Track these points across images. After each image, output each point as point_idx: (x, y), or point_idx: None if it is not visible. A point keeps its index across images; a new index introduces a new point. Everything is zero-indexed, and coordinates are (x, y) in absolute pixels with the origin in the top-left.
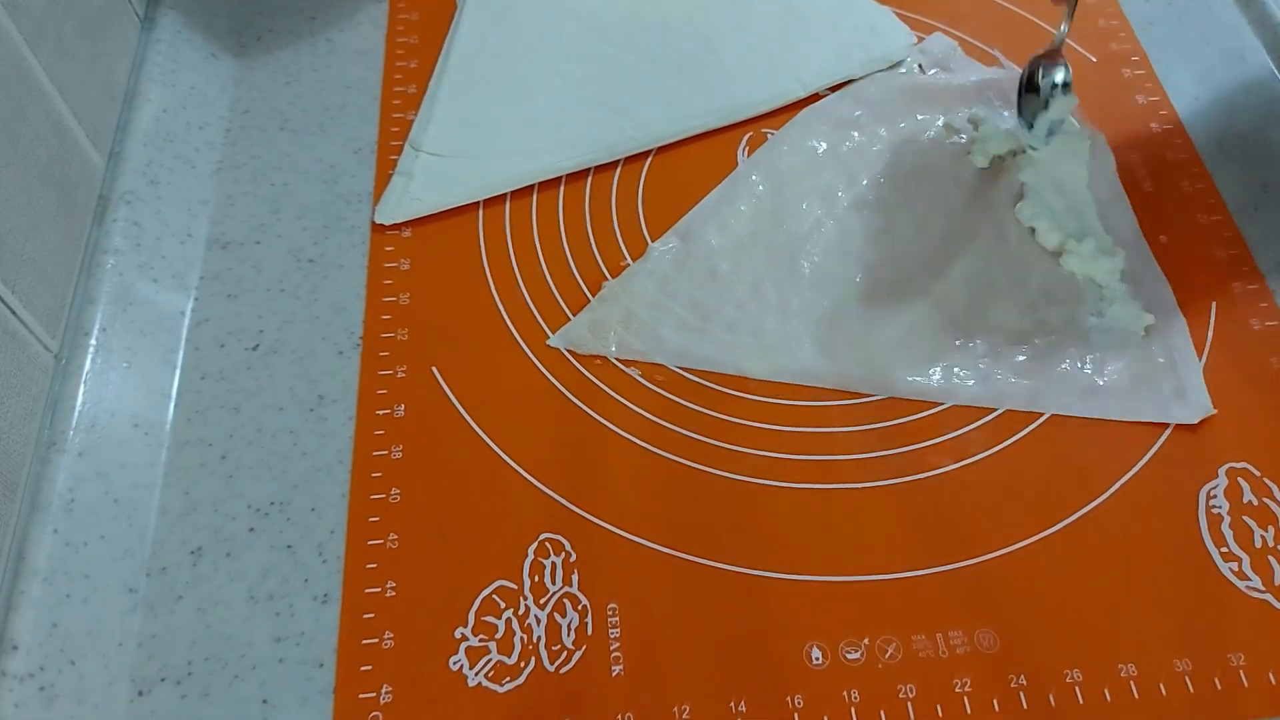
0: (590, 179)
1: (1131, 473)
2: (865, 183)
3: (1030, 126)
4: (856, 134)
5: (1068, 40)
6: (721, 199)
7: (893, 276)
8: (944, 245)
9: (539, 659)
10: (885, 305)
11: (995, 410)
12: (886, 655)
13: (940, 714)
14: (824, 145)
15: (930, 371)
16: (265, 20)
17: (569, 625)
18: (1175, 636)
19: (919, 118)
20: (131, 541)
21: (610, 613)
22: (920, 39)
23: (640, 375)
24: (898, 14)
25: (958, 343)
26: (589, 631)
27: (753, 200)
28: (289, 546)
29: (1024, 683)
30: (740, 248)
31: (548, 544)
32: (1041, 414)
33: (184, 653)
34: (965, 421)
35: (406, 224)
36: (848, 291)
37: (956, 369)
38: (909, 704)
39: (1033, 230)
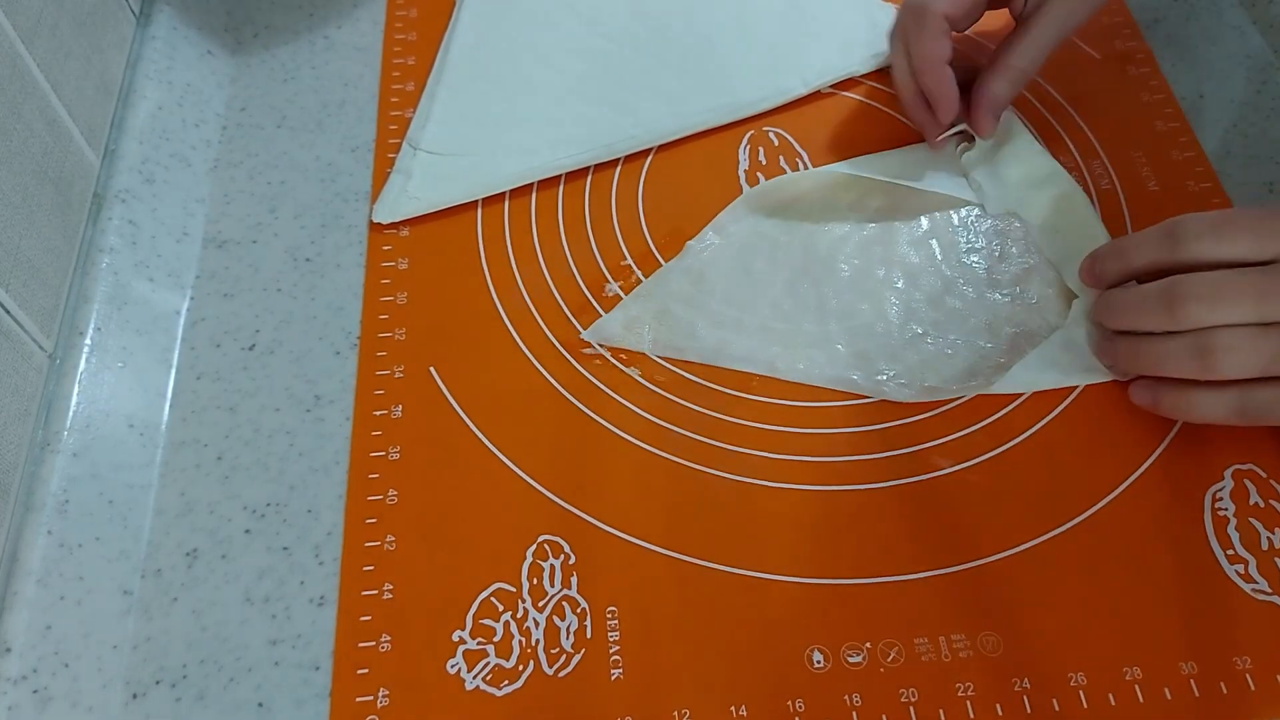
0: (590, 177)
1: (1136, 474)
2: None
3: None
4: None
5: (1073, 39)
6: (761, 193)
7: (935, 284)
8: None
9: (537, 662)
10: (927, 314)
11: (997, 412)
12: (889, 659)
13: (943, 718)
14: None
15: (969, 384)
16: (262, 17)
17: (568, 628)
18: (1180, 639)
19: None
20: (126, 543)
21: (609, 615)
22: None
23: (640, 375)
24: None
25: (1001, 360)
26: (588, 634)
27: (792, 198)
28: (285, 548)
29: (1027, 686)
30: (777, 247)
31: (546, 546)
32: (1045, 415)
33: (179, 655)
34: (967, 422)
35: (404, 223)
36: (888, 297)
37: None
38: (911, 708)
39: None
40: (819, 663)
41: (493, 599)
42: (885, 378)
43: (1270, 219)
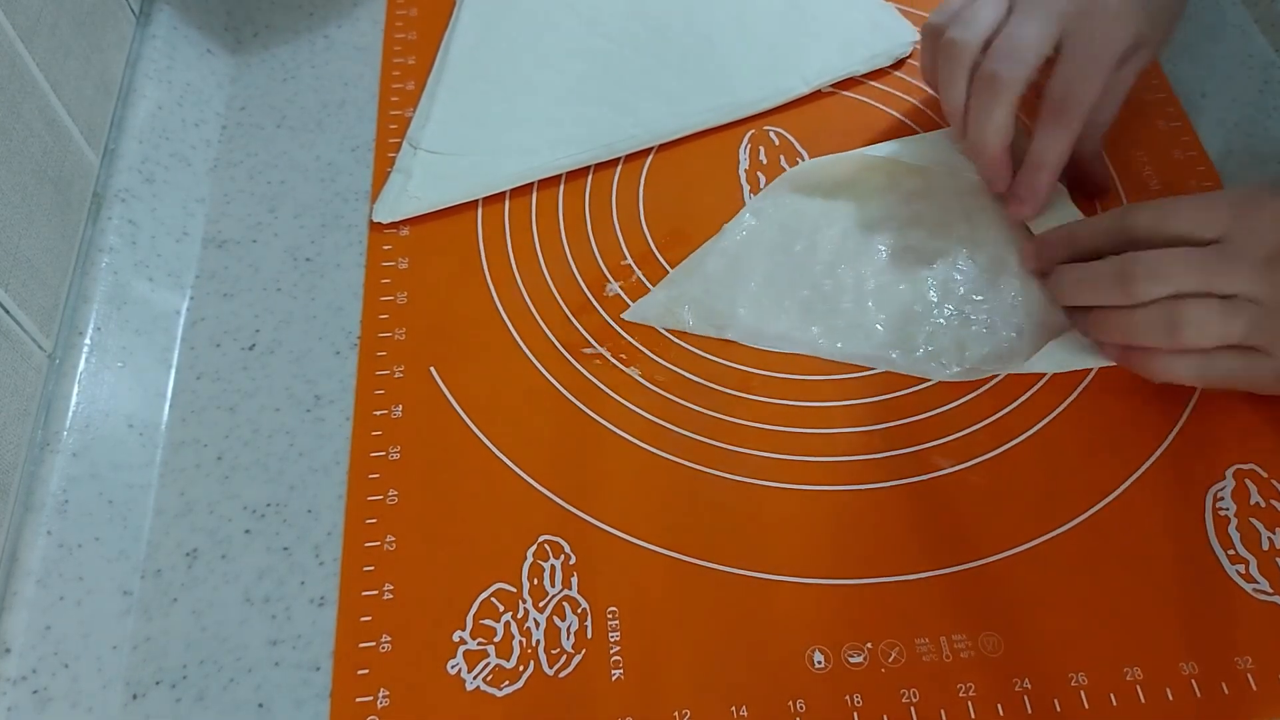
0: (590, 177)
1: (1137, 474)
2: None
3: None
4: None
5: None
6: (798, 175)
7: (971, 264)
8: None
9: (538, 663)
10: (964, 294)
11: (998, 412)
12: (890, 659)
13: (944, 718)
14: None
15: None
16: (262, 16)
17: (568, 629)
18: (1181, 640)
19: None
20: (126, 543)
21: (610, 616)
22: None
23: (640, 375)
24: (900, 10)
25: (1037, 339)
26: (588, 635)
27: (828, 180)
28: (285, 549)
29: (1028, 686)
30: (815, 228)
31: (547, 546)
32: (1045, 415)
33: (179, 656)
34: (968, 422)
35: (404, 222)
36: (925, 276)
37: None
38: (912, 708)
39: None
40: (820, 663)
41: (493, 599)
42: (924, 355)
43: (1208, 206)
